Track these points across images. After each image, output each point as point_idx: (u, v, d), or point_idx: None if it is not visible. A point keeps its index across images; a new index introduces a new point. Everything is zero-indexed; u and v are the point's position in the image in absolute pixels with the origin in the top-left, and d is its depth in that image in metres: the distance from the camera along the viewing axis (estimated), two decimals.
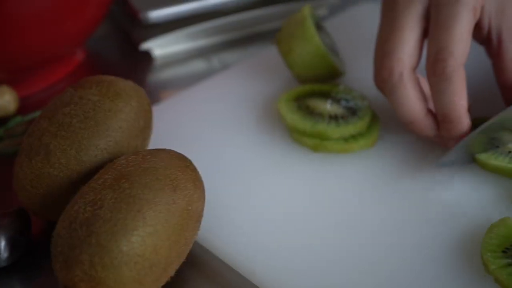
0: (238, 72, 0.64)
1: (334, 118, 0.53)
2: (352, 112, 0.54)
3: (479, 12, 0.49)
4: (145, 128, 0.48)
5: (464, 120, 0.49)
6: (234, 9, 0.73)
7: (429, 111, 0.51)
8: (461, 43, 0.48)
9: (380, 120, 0.56)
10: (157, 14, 0.70)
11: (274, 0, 0.74)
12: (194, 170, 0.44)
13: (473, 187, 0.49)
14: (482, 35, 0.51)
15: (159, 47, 0.71)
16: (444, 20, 0.48)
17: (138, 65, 0.71)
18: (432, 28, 0.49)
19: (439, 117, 0.50)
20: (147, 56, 0.72)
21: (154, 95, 0.66)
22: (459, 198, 0.48)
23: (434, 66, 0.48)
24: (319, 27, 0.60)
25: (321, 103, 0.55)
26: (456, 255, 0.44)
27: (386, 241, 0.45)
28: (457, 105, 0.48)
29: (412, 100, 0.50)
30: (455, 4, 0.48)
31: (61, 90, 0.49)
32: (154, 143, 0.53)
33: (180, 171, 0.43)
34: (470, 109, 0.50)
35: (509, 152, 0.49)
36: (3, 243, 0.45)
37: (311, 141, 0.53)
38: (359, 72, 0.61)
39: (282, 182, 0.51)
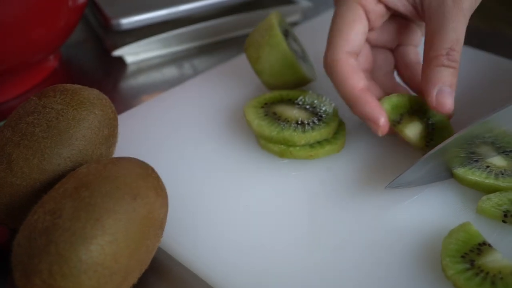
0: (208, 79, 0.64)
1: (300, 124, 0.53)
2: (319, 118, 0.54)
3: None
4: (110, 136, 0.48)
5: (363, 98, 0.50)
6: (205, 16, 0.73)
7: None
8: (339, 35, 0.51)
9: (347, 126, 0.56)
10: (129, 21, 0.70)
11: (245, 7, 0.74)
12: (156, 178, 0.44)
13: (438, 194, 0.49)
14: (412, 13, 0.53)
15: (132, 54, 0.71)
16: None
17: (111, 71, 0.72)
18: None
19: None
20: (120, 62, 0.72)
21: (127, 101, 0.67)
22: (423, 205, 0.49)
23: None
24: (287, 33, 0.60)
25: (288, 110, 0.55)
26: (418, 261, 0.44)
27: (351, 247, 0.46)
28: (347, 86, 0.51)
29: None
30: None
31: None
32: (121, 150, 0.53)
33: (142, 179, 0.43)
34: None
35: (487, 166, 0.49)
36: None
37: (277, 147, 0.53)
38: None
39: (248, 189, 0.51)
